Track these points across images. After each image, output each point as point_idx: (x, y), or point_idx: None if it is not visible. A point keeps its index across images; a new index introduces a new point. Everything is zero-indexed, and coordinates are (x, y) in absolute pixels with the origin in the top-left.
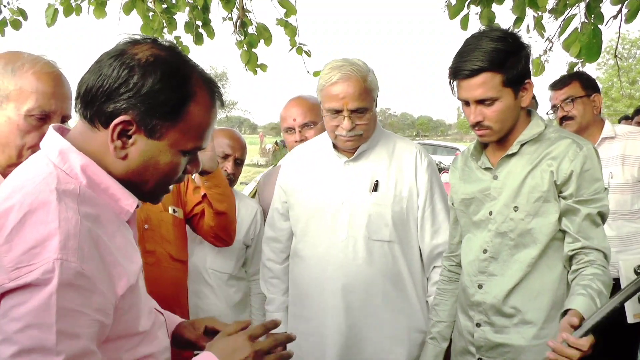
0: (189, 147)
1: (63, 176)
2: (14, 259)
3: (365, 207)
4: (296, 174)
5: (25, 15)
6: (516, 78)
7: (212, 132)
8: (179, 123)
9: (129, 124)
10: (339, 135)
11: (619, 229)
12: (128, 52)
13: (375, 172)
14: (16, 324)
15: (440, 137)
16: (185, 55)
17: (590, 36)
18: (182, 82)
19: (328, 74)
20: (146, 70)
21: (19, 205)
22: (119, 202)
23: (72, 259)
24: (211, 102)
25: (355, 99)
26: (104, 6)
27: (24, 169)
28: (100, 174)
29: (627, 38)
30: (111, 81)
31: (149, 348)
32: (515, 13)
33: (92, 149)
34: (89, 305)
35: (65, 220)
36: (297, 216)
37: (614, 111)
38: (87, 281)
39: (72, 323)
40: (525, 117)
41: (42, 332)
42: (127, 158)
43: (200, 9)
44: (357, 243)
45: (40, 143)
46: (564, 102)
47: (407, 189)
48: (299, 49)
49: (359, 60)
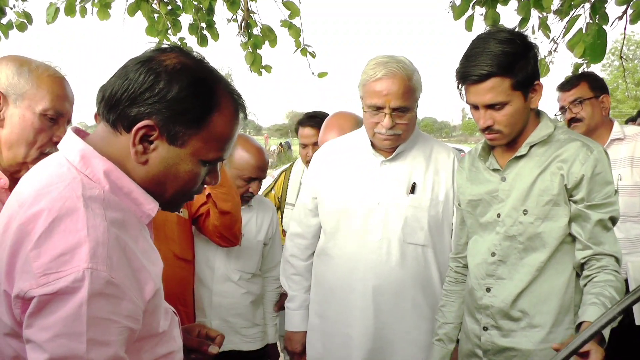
0: (210, 157)
1: (87, 181)
2: (43, 265)
3: (401, 209)
4: (328, 170)
5: (30, 18)
6: (525, 80)
7: (233, 144)
8: (202, 132)
9: (151, 129)
10: (377, 132)
11: (628, 231)
12: (156, 59)
13: (412, 174)
14: (46, 333)
15: (445, 138)
16: (212, 66)
17: (594, 37)
18: (208, 91)
19: (373, 69)
20: (173, 77)
21: (47, 212)
22: (141, 207)
23: (101, 267)
24: (235, 114)
25: (399, 97)
26: (108, 7)
27: (43, 172)
28: (123, 179)
29: (633, 39)
30: (137, 86)
31: (166, 347)
32: (520, 14)
33: (113, 153)
34: (118, 312)
35: (93, 228)
36: (327, 213)
37: (619, 112)
38: (116, 289)
39: (103, 331)
40: (535, 118)
41: (72, 341)
42: (147, 163)
43: (205, 11)
44: (390, 245)
45: (59, 145)
46: (572, 103)
47: (443, 194)
48: (303, 50)
49: (405, 59)
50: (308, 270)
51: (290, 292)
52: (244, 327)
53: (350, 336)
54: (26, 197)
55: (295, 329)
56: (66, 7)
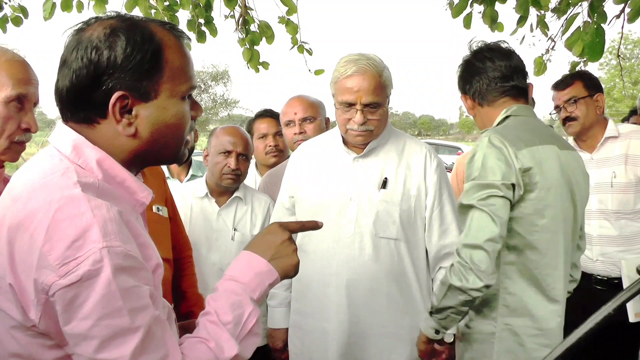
0: (184, 89)
1: (80, 170)
2: (59, 255)
3: (373, 204)
4: (304, 169)
5: (26, 12)
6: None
7: (193, 67)
8: (165, 73)
9: (124, 98)
10: (349, 129)
11: (622, 229)
12: (83, 38)
13: (384, 169)
14: (88, 321)
15: (442, 136)
16: (132, 15)
17: (593, 35)
18: (147, 36)
19: (343, 67)
20: (111, 42)
21: (47, 204)
22: (135, 195)
23: (116, 243)
24: (180, 43)
25: (370, 93)
26: (105, 2)
27: (35, 165)
28: (116, 167)
29: (630, 38)
30: (85, 70)
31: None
32: (518, 12)
33: (99, 144)
34: (142, 278)
35: (97, 208)
36: (303, 211)
37: (616, 111)
38: (134, 260)
39: (137, 298)
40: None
41: (114, 318)
42: (137, 133)
43: (203, 7)
44: (363, 240)
45: (49, 138)
46: (566, 102)
47: (415, 188)
48: (300, 47)
49: (375, 56)
50: None
51: (271, 290)
52: None
53: (327, 331)
54: (20, 191)
55: (276, 326)
56: (62, 3)
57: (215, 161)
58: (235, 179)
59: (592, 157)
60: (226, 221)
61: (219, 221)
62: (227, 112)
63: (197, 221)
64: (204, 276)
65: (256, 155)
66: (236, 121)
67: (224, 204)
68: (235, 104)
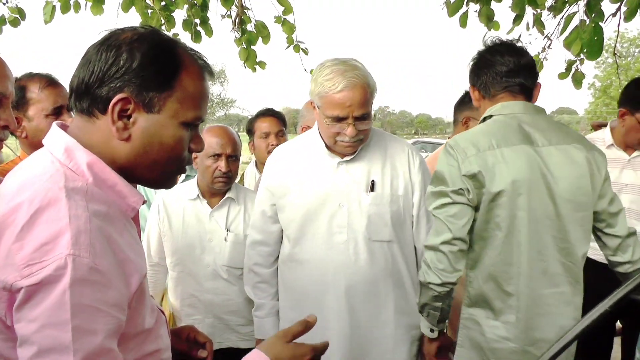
0: (189, 117)
1: (70, 173)
2: (26, 256)
3: (363, 208)
4: (284, 175)
5: (23, 14)
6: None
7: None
8: (175, 93)
9: (127, 102)
10: (340, 141)
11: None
12: (113, 36)
13: (370, 172)
14: (33, 324)
15: (439, 134)
16: (169, 35)
17: (591, 34)
18: (170, 52)
19: (330, 81)
20: (133, 47)
21: (28, 203)
22: (126, 200)
23: (84, 254)
24: (200, 71)
25: (361, 107)
26: (102, 3)
27: (28, 166)
28: (107, 171)
29: (626, 36)
30: (101, 65)
31: (152, 345)
32: (514, 11)
33: (94, 140)
34: (104, 300)
35: (75, 217)
36: (289, 219)
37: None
38: (101, 276)
39: (88, 319)
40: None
41: (57, 330)
42: (130, 139)
43: (199, 7)
44: (357, 245)
45: (43, 140)
46: None
47: (402, 188)
48: (296, 47)
49: (357, 62)
50: (273, 276)
51: (258, 300)
52: (240, 324)
53: (328, 338)
54: (8, 190)
55: (265, 336)
56: (62, 5)
57: (205, 165)
58: (227, 181)
59: (630, 158)
60: (219, 222)
61: (211, 222)
62: (223, 111)
63: (190, 223)
64: (198, 278)
65: (257, 154)
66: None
67: (216, 205)
68: (231, 104)
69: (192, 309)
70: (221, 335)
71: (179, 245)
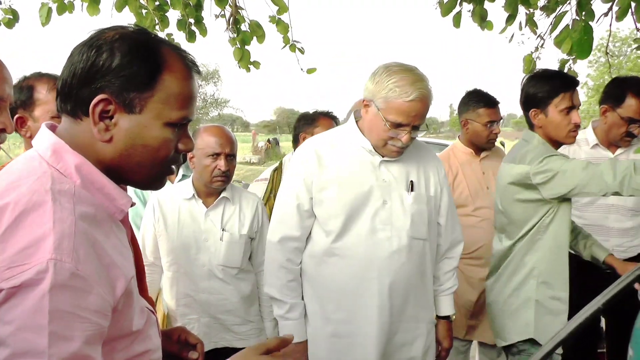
0: (174, 117)
1: (57, 175)
2: (7, 259)
3: (406, 206)
4: (322, 169)
5: (17, 15)
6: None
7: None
8: (157, 93)
9: (108, 103)
10: (392, 144)
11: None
12: (95, 37)
13: (409, 172)
14: (9, 327)
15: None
16: (153, 33)
17: (581, 33)
18: (151, 52)
19: (402, 88)
20: (113, 47)
21: (13, 205)
22: (114, 202)
23: (66, 259)
24: (186, 70)
25: (423, 117)
26: (98, 3)
27: (16, 167)
28: (95, 173)
29: (618, 36)
30: (82, 65)
31: (141, 346)
32: (507, 10)
33: (79, 141)
34: (84, 307)
35: (60, 221)
36: (328, 214)
37: None
38: (82, 282)
39: (66, 325)
40: None
41: (33, 334)
42: (112, 140)
43: (193, 7)
44: (401, 242)
45: (32, 141)
46: None
47: (433, 189)
48: (292, 46)
49: (420, 71)
50: (300, 275)
51: (291, 301)
52: (236, 324)
53: (370, 335)
54: None
55: (301, 339)
56: (58, 7)
57: (203, 164)
58: (226, 180)
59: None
60: (214, 222)
61: (207, 222)
62: (217, 111)
63: (185, 223)
64: (193, 278)
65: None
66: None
67: (211, 205)
68: (225, 104)
69: (187, 308)
70: (217, 335)
71: (174, 245)
